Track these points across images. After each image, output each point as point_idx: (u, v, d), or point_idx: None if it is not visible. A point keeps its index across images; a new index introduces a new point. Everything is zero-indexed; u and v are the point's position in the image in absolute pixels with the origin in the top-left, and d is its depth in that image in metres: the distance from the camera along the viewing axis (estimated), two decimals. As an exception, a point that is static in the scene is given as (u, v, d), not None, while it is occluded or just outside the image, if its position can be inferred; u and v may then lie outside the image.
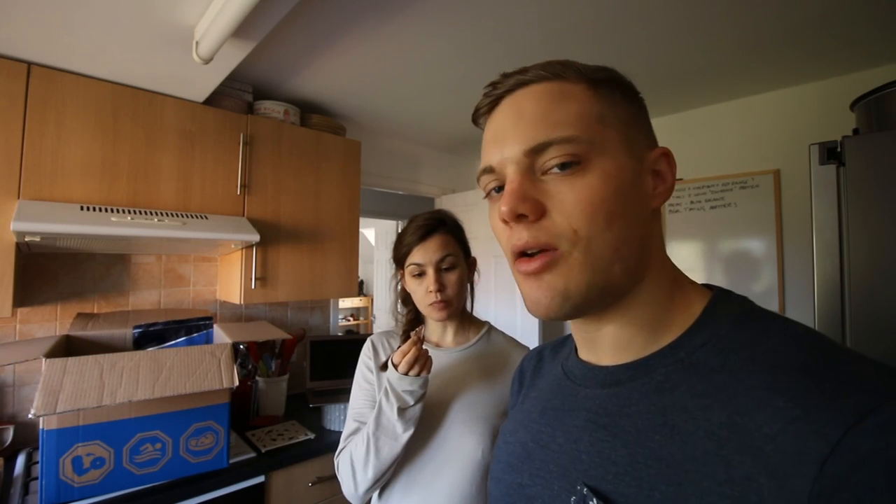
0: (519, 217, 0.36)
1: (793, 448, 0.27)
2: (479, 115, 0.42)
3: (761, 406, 0.30)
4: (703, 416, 0.32)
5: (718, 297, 0.39)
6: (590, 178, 0.35)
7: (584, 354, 0.44)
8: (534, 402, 0.49)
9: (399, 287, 0.99)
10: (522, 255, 0.37)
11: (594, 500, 0.35)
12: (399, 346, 0.83)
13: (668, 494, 0.31)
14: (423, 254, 0.88)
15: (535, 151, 0.36)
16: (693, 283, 0.42)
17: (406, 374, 0.79)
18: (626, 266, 0.37)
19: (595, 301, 0.37)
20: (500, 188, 0.40)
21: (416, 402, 0.80)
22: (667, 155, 0.40)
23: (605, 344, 0.41)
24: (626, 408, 0.37)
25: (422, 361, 0.80)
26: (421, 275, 0.89)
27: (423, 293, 0.89)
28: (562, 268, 0.36)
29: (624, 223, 0.36)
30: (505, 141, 0.38)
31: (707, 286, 0.42)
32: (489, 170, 0.40)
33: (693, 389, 0.34)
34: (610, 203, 0.35)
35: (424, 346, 0.82)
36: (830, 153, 1.05)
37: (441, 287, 0.87)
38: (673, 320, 0.39)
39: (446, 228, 0.92)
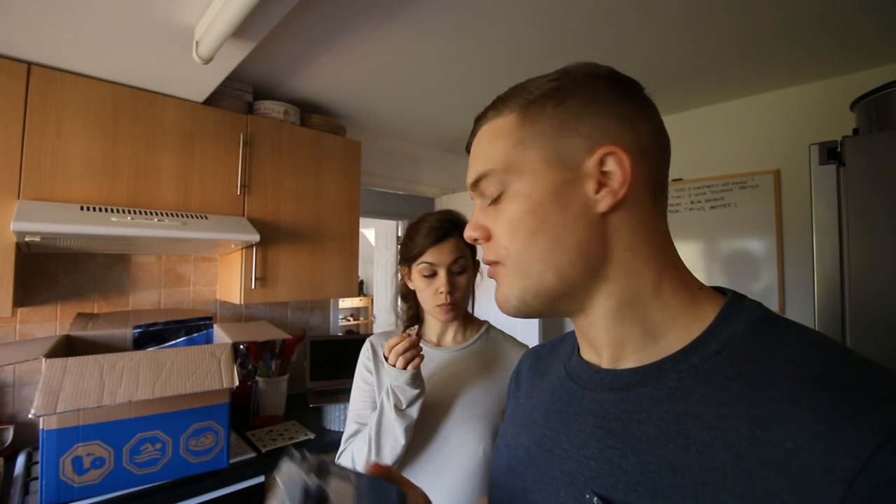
0: (475, 240, 0.45)
1: (819, 465, 0.27)
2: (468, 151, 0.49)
3: (783, 419, 0.29)
4: (720, 425, 0.31)
5: (732, 303, 0.38)
6: (508, 203, 0.41)
7: (588, 355, 0.44)
8: (536, 404, 0.48)
9: (400, 283, 1.00)
10: None
11: None
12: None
13: None
14: (438, 255, 0.89)
15: (475, 185, 0.44)
16: (703, 286, 0.40)
17: (394, 365, 0.79)
18: (560, 272, 0.39)
19: (538, 303, 0.41)
20: None
21: (415, 401, 0.80)
22: (613, 153, 0.37)
23: (602, 342, 0.41)
24: (637, 414, 0.36)
25: (411, 353, 0.79)
26: (432, 275, 0.89)
27: (433, 293, 0.89)
28: (501, 278, 0.43)
29: (546, 235, 0.39)
30: (468, 173, 0.46)
31: (720, 290, 0.41)
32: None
33: (707, 398, 0.33)
34: (526, 222, 0.40)
35: (422, 345, 0.82)
36: (830, 153, 1.05)
37: (452, 289, 0.88)
38: (675, 322, 0.38)
39: (461, 232, 0.92)
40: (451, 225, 0.92)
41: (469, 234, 0.45)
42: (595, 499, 0.35)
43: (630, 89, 0.41)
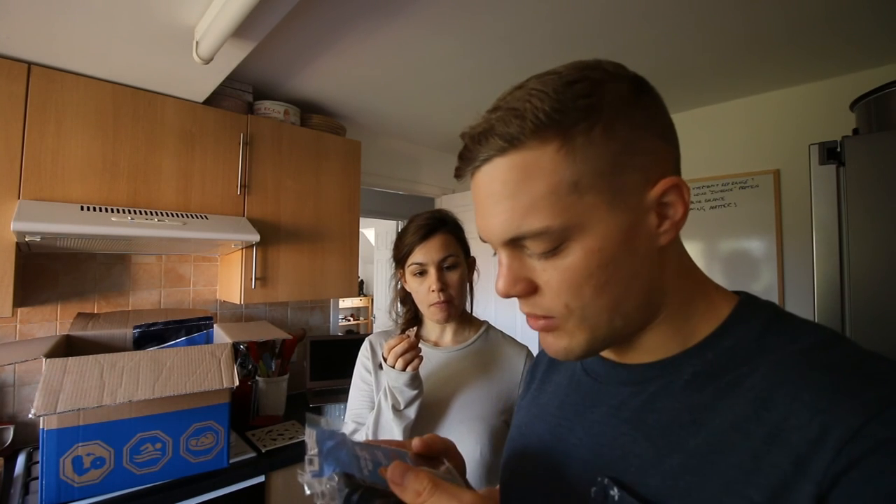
0: (513, 296, 0.38)
1: (817, 436, 0.28)
2: (459, 179, 0.42)
3: (787, 400, 0.31)
4: (731, 412, 0.33)
5: (745, 302, 0.39)
6: (571, 258, 0.35)
7: (607, 353, 0.44)
8: (550, 397, 0.49)
9: (398, 287, 0.99)
10: None
11: (615, 488, 0.35)
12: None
13: (692, 483, 0.32)
14: (426, 253, 0.88)
15: (513, 242, 0.37)
16: (718, 287, 0.41)
17: (393, 366, 0.79)
18: (627, 317, 0.37)
19: (601, 347, 0.39)
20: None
21: (413, 402, 0.80)
22: (677, 186, 0.35)
23: (634, 350, 0.41)
24: (651, 404, 0.37)
25: (410, 354, 0.79)
26: (422, 274, 0.89)
27: (425, 293, 0.88)
28: (561, 332, 0.38)
29: (617, 285, 0.36)
30: (485, 223, 0.38)
31: (735, 292, 0.42)
32: (482, 239, 0.40)
33: (720, 390, 0.34)
34: (596, 277, 0.35)
35: (421, 345, 0.82)
36: (830, 153, 1.05)
37: (443, 286, 0.87)
38: (699, 324, 0.39)
39: (447, 228, 0.91)
40: (438, 222, 0.91)
41: (506, 290, 0.37)
42: (606, 480, 0.36)
43: (658, 96, 0.38)
